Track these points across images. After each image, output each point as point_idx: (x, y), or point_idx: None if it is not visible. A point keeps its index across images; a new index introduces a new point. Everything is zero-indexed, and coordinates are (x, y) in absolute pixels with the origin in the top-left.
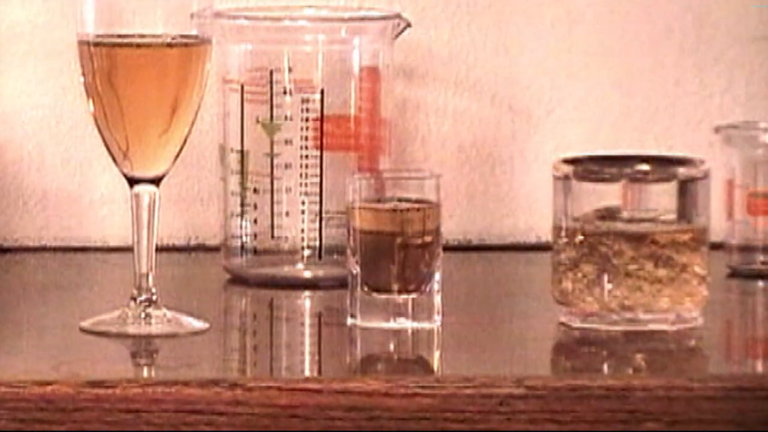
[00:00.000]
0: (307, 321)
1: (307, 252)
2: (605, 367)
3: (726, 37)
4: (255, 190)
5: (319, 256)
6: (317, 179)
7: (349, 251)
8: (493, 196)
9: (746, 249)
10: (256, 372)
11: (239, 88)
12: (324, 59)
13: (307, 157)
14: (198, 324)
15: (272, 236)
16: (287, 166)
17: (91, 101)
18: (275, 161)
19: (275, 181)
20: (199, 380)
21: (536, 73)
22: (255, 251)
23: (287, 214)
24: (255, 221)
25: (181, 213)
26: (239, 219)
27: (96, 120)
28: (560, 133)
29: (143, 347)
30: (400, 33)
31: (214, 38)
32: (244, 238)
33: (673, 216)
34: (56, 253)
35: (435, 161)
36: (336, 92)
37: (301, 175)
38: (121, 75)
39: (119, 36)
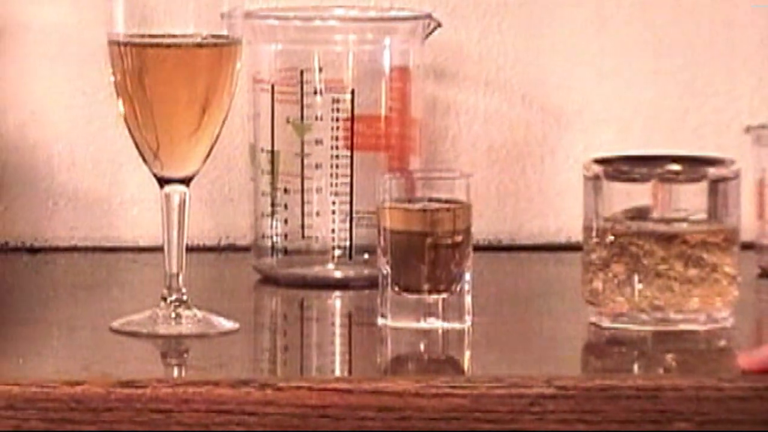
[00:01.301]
0: (338, 321)
1: (337, 252)
2: (635, 367)
3: (756, 37)
4: (285, 190)
5: (350, 256)
6: (348, 179)
7: (379, 251)
8: (524, 196)
9: None
10: (287, 372)
11: (270, 88)
12: (354, 59)
13: (337, 157)
14: (228, 324)
15: (303, 236)
16: (318, 166)
17: (121, 101)
18: (306, 161)
19: (306, 181)
20: (229, 380)
21: (567, 73)
22: (285, 251)
23: (318, 214)
24: (285, 221)
25: (211, 213)
26: (270, 219)
27: (126, 120)
28: (591, 133)
29: (173, 347)
30: (430, 33)
31: (245, 38)
32: (274, 238)
33: (703, 216)
34: (86, 253)
35: (465, 161)
36: (366, 92)
37: (331, 175)
38: (152, 75)
39: (150, 36)
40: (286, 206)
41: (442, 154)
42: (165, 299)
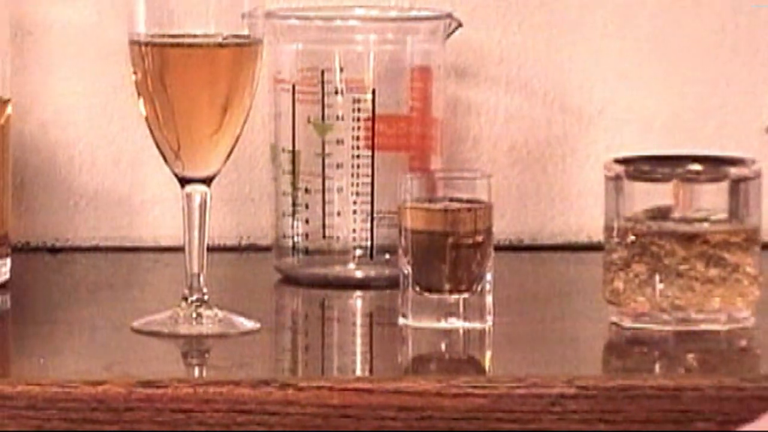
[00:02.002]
0: (359, 321)
1: (358, 252)
2: (656, 367)
3: None
4: (306, 190)
5: (371, 256)
6: (368, 179)
7: (400, 251)
8: (545, 196)
9: None
10: (308, 372)
11: (290, 88)
12: (375, 59)
13: (358, 157)
14: (249, 324)
15: (323, 236)
16: (338, 166)
17: (142, 101)
18: (326, 161)
19: (327, 181)
20: (250, 380)
21: (588, 73)
22: (306, 251)
23: (338, 214)
24: (306, 221)
25: (232, 213)
26: (290, 219)
27: (147, 120)
28: (612, 133)
29: (194, 347)
30: (451, 33)
31: (266, 38)
32: (295, 238)
33: (724, 216)
34: (108, 253)
35: (486, 161)
36: (387, 92)
37: (352, 175)
38: (173, 75)
39: (170, 36)
40: (307, 206)
41: (463, 154)
42: (186, 299)
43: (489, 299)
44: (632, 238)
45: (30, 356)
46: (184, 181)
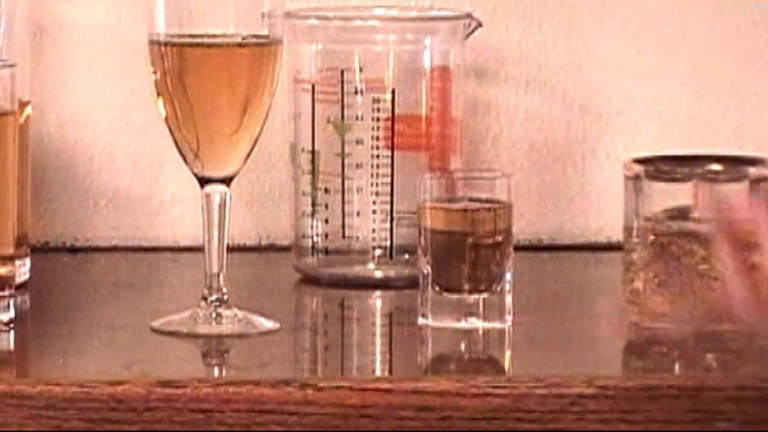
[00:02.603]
0: (378, 321)
1: (378, 252)
2: (676, 366)
3: None
4: (326, 190)
5: (390, 256)
6: (388, 179)
7: (420, 251)
8: (564, 196)
9: None
10: (327, 372)
11: (310, 88)
12: (395, 59)
13: (378, 156)
14: (269, 324)
15: (343, 236)
16: (358, 165)
17: (161, 101)
18: (346, 161)
19: (346, 181)
20: (270, 380)
21: (607, 73)
22: (326, 251)
23: (358, 213)
24: (326, 221)
25: (252, 213)
26: (310, 219)
27: (167, 120)
28: (631, 133)
29: (214, 347)
30: (471, 33)
31: (285, 38)
32: (315, 238)
33: None
34: (127, 253)
35: (506, 161)
36: (407, 92)
37: (372, 175)
38: (192, 75)
39: (190, 36)
40: (326, 206)
41: (482, 154)
42: (205, 299)
43: (508, 299)
44: (652, 238)
45: (49, 356)
46: (203, 181)
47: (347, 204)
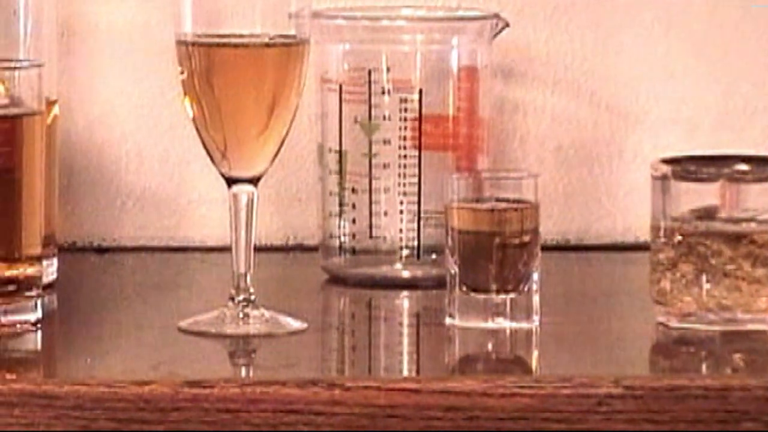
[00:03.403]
0: (406, 321)
1: (405, 252)
2: (703, 367)
3: None
4: (353, 190)
5: (418, 256)
6: (415, 179)
7: (447, 251)
8: (591, 196)
9: None
10: (355, 372)
11: (338, 88)
12: (422, 59)
13: (405, 157)
14: (296, 324)
15: (370, 236)
16: (385, 166)
17: (189, 101)
18: (373, 161)
19: (373, 181)
20: (297, 380)
21: (634, 73)
22: (353, 251)
23: (385, 214)
24: (353, 221)
25: (279, 213)
26: (337, 219)
27: (194, 120)
28: (658, 133)
29: (241, 347)
30: (498, 33)
31: (312, 38)
32: (342, 238)
33: None
34: (154, 253)
35: (533, 161)
36: (434, 92)
37: (399, 175)
38: (220, 75)
39: (217, 36)
40: (354, 206)
41: (509, 154)
42: (233, 299)
43: (536, 299)
44: (679, 238)
45: (77, 356)
46: (230, 181)
47: (374, 204)
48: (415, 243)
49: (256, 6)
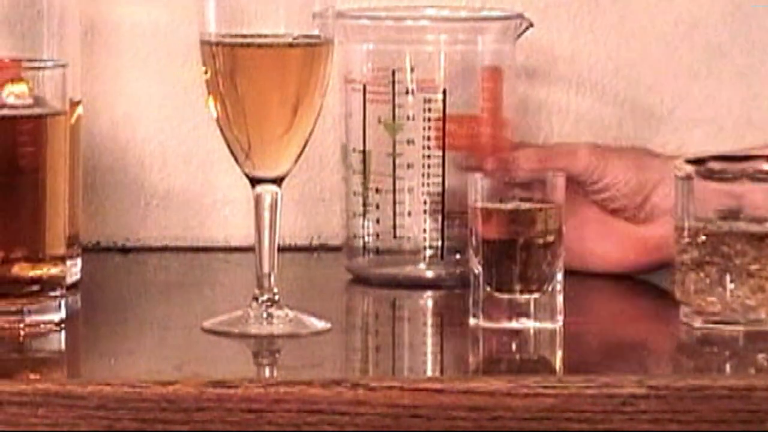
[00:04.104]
0: (429, 321)
1: (429, 252)
2: (727, 367)
3: None
4: (377, 190)
5: (441, 256)
6: (439, 179)
7: (471, 251)
8: None
9: None
10: (378, 372)
11: (361, 88)
12: (446, 59)
13: (429, 157)
14: (320, 324)
15: (394, 236)
16: (409, 165)
17: (213, 101)
18: (397, 161)
19: (397, 181)
20: (321, 380)
21: (658, 73)
22: (377, 251)
23: (409, 214)
24: (377, 221)
25: (303, 213)
26: (361, 219)
27: (218, 120)
28: (682, 133)
29: (265, 347)
30: (522, 33)
31: (336, 38)
32: (366, 238)
33: None
34: (178, 253)
35: None
36: (458, 92)
37: (423, 175)
38: (243, 75)
39: (241, 36)
40: (377, 206)
41: None
42: (257, 299)
43: (559, 299)
44: (703, 238)
45: (101, 356)
46: (254, 181)
47: (398, 204)
48: (439, 243)
49: (280, 6)
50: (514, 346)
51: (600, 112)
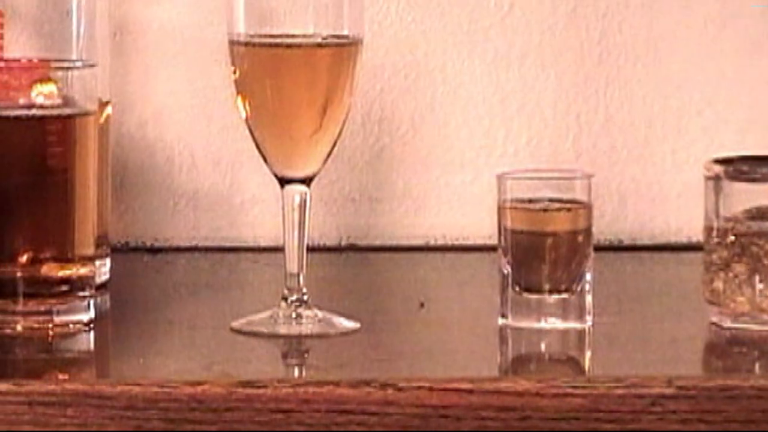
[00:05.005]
0: (458, 321)
1: None
2: (756, 367)
3: None
4: None
5: None
6: None
7: (500, 251)
8: (644, 196)
9: None
10: (407, 372)
11: None
12: None
13: None
14: (349, 324)
15: None
16: None
17: (241, 101)
18: None
19: None
20: (349, 380)
21: (687, 73)
22: None
23: None
24: None
25: (332, 213)
26: None
27: (247, 120)
28: (711, 133)
29: (294, 347)
30: None
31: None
32: None
33: None
34: (207, 253)
35: (586, 161)
36: None
37: None
38: (272, 75)
39: (270, 36)
40: None
41: (562, 155)
42: (285, 299)
43: (589, 299)
44: (732, 238)
45: (130, 357)
46: (283, 181)
47: None
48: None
49: (309, 6)
50: (543, 347)
51: (629, 112)
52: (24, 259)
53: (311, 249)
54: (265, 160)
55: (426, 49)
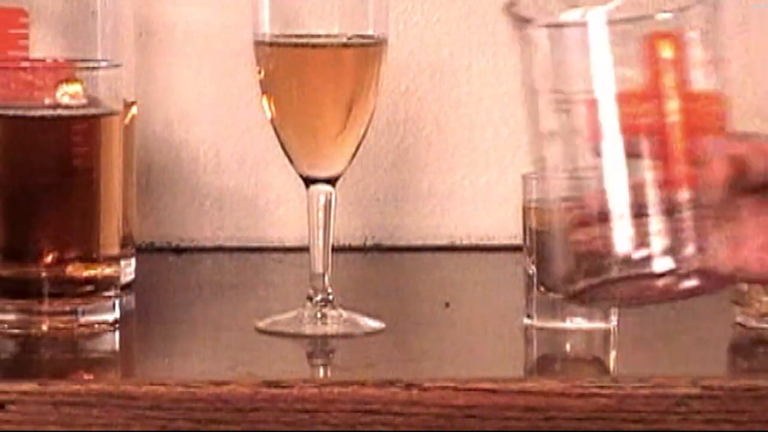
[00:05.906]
0: (483, 321)
1: None
2: None
3: None
4: None
5: None
6: None
7: (525, 251)
8: None
9: None
10: (432, 372)
11: None
12: None
13: None
14: (374, 324)
15: None
16: None
17: (267, 101)
18: None
19: None
20: (375, 380)
21: None
22: None
23: None
24: None
25: (357, 213)
26: None
27: (272, 120)
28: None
29: (319, 347)
30: None
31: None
32: None
33: None
34: (232, 253)
35: None
36: None
37: None
38: (297, 75)
39: (295, 36)
40: None
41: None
42: (311, 299)
43: None
44: None
45: (155, 357)
46: (308, 182)
47: None
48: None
49: (334, 6)
50: (568, 346)
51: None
52: (49, 259)
53: (336, 249)
54: (291, 161)
55: (451, 49)
